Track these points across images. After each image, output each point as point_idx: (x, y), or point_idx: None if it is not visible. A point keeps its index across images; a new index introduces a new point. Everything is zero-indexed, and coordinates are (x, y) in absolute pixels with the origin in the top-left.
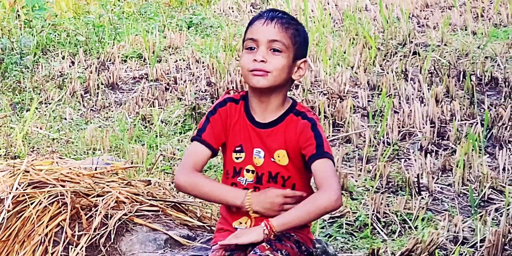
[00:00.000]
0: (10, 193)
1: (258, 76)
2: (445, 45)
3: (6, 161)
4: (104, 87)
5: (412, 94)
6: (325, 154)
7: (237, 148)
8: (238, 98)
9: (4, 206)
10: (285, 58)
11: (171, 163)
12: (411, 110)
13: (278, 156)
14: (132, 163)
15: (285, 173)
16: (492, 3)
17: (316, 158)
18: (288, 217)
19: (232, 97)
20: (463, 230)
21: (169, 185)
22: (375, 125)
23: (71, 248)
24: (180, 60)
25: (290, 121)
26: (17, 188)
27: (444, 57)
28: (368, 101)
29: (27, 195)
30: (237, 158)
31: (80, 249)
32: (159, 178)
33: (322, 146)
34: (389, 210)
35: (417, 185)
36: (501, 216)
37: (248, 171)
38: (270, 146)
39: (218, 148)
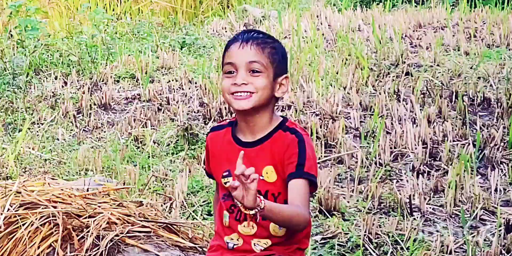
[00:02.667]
0: (1, 214)
1: (241, 99)
2: (437, 65)
3: None
4: (97, 107)
5: (405, 115)
6: (303, 174)
7: (224, 174)
8: (225, 124)
9: None
10: (265, 77)
11: (163, 184)
12: (403, 131)
13: (267, 173)
14: (124, 184)
15: (275, 190)
16: (485, 23)
17: (293, 177)
18: (277, 206)
19: (217, 125)
20: (455, 251)
21: (161, 206)
22: (367, 146)
23: None
24: (172, 80)
25: (278, 137)
26: (8, 209)
27: (437, 77)
28: (361, 121)
29: (18, 216)
30: (225, 183)
31: None
32: (151, 199)
33: (303, 165)
34: (381, 231)
35: (409, 206)
36: (493, 237)
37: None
38: (258, 164)
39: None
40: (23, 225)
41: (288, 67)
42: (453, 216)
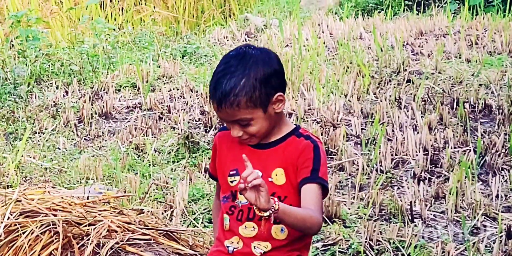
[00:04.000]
0: (1, 222)
1: (248, 142)
2: (439, 72)
3: None
4: (98, 116)
5: (406, 122)
6: (317, 179)
7: (231, 172)
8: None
9: None
10: (256, 123)
11: (163, 192)
12: (404, 138)
13: (276, 175)
14: (124, 192)
15: (281, 193)
16: (486, 30)
17: (307, 182)
18: (291, 209)
19: (224, 126)
20: None
21: (162, 213)
22: (368, 153)
23: None
24: (174, 89)
25: (291, 141)
26: (8, 218)
27: (438, 84)
28: (362, 129)
29: (19, 224)
30: (231, 182)
31: None
32: (151, 207)
33: (318, 171)
34: (382, 237)
35: (410, 212)
36: (494, 243)
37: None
38: (268, 166)
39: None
40: (23, 233)
41: (279, 83)
42: (454, 222)
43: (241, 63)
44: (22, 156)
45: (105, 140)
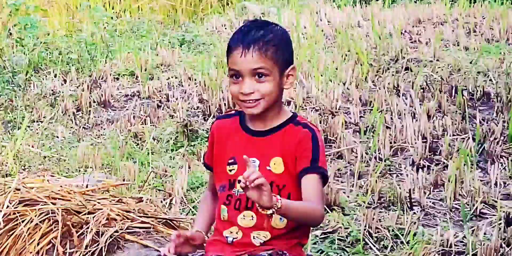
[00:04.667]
0: (0, 211)
1: (250, 107)
2: (437, 60)
3: None
4: (96, 105)
5: (404, 110)
6: (317, 168)
7: (230, 161)
8: (233, 113)
9: None
10: (272, 80)
11: (162, 180)
12: (402, 126)
13: (274, 164)
14: (123, 180)
15: (280, 182)
16: (484, 18)
17: (307, 172)
18: (294, 203)
19: (224, 114)
20: (455, 245)
21: (161, 202)
22: (367, 141)
23: None
24: (172, 77)
25: (289, 129)
26: (7, 206)
27: (436, 72)
28: (360, 117)
29: (18, 213)
30: (230, 170)
31: None
32: (150, 195)
33: (317, 161)
34: (381, 225)
35: (409, 200)
36: (493, 230)
37: (239, 181)
38: (266, 154)
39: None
40: (23, 222)
41: (293, 55)
42: (453, 210)
43: (265, 24)
44: (20, 144)
45: (104, 129)
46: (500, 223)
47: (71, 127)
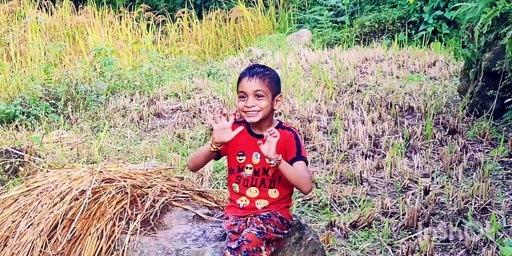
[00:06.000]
0: (90, 186)
1: (251, 116)
2: (378, 85)
3: (87, 165)
4: (152, 115)
5: (356, 118)
6: (301, 157)
7: (239, 153)
8: (242, 121)
9: (86, 195)
10: (266, 100)
11: None
12: (356, 129)
13: None
14: (171, 165)
15: (274, 168)
16: (409, 57)
17: (295, 160)
18: (289, 166)
19: (237, 121)
20: (391, 208)
21: (196, 179)
22: (332, 139)
23: (131, 222)
24: (202, 97)
25: (279, 133)
26: (94, 183)
27: (378, 93)
28: (327, 123)
29: (101, 187)
30: (240, 160)
31: (136, 223)
32: (189, 175)
33: (300, 152)
34: (342, 195)
35: (359, 178)
36: (416, 198)
37: (247, 168)
38: None
39: (223, 154)
40: (104, 193)
41: (281, 88)
42: (389, 184)
43: (265, 66)
44: (102, 142)
45: (158, 131)
46: (421, 193)
47: (136, 130)
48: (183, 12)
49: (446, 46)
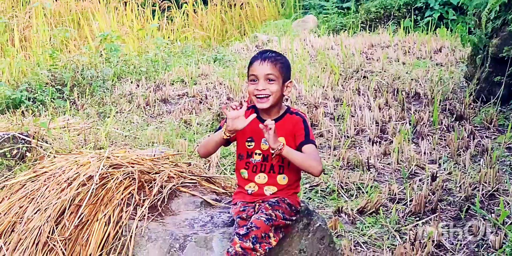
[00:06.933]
0: (97, 172)
1: (262, 102)
2: (384, 71)
3: (95, 151)
4: (159, 101)
5: (363, 104)
6: (310, 141)
7: (248, 139)
8: (250, 106)
9: (93, 180)
10: (277, 84)
11: None
12: (362, 115)
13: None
14: (178, 151)
15: (278, 156)
16: (415, 43)
17: (304, 144)
18: (293, 151)
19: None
20: (398, 194)
21: (203, 165)
22: (339, 125)
23: (138, 208)
24: (209, 83)
25: (287, 117)
26: (102, 169)
27: (384, 79)
28: (334, 109)
29: (108, 173)
30: (249, 146)
31: (144, 208)
32: (196, 161)
33: (309, 135)
34: (349, 181)
35: (367, 164)
36: (423, 184)
37: (256, 154)
38: None
39: (232, 140)
40: (112, 179)
41: (291, 75)
42: (396, 170)
43: (277, 52)
44: (109, 128)
45: (164, 117)
46: (428, 179)
47: (142, 116)
48: None
49: (452, 32)
